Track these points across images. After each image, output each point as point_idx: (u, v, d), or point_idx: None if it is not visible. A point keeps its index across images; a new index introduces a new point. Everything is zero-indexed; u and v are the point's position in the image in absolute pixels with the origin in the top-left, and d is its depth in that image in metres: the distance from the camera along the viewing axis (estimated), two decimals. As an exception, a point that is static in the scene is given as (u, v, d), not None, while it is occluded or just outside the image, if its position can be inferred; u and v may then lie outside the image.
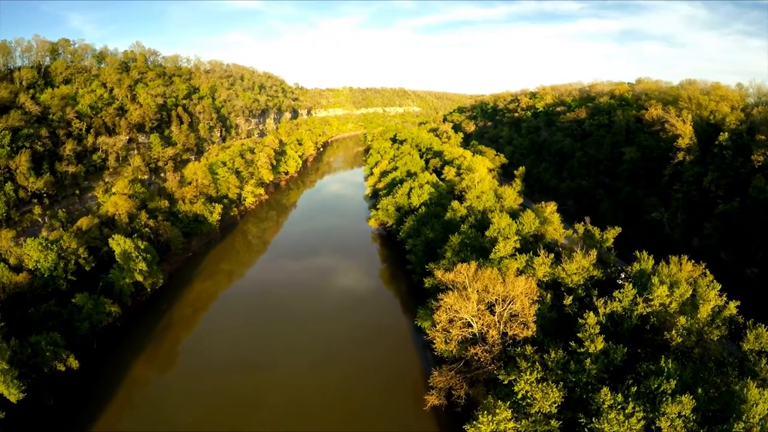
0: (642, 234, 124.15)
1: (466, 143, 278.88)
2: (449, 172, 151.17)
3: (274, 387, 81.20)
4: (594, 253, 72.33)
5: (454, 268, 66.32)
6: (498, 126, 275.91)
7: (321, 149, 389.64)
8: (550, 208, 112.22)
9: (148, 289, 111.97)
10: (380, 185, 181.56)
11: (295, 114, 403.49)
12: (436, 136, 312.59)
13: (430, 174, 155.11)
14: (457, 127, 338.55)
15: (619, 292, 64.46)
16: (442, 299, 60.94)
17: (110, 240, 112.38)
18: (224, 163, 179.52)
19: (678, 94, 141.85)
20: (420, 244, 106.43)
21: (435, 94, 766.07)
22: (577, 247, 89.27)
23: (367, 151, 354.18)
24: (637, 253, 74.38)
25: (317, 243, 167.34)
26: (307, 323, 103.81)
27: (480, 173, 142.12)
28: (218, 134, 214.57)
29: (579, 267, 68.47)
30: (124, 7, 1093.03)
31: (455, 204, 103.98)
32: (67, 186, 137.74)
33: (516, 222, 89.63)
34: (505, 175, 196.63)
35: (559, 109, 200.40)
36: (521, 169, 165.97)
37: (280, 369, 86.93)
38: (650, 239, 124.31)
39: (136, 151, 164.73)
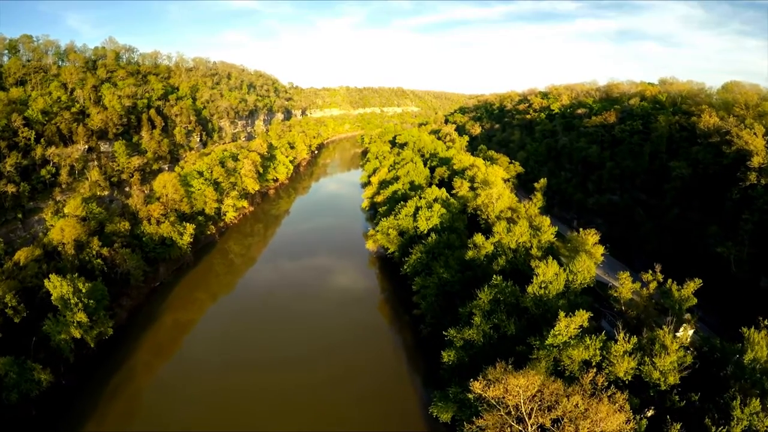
0: (696, 266, 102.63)
1: (472, 147, 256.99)
2: (462, 187, 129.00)
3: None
4: (687, 332, 50.50)
5: (491, 366, 44.52)
6: (506, 129, 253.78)
7: (316, 152, 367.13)
8: (592, 238, 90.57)
9: (92, 344, 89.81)
10: (379, 198, 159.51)
11: (288, 115, 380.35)
12: (439, 138, 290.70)
13: (439, 188, 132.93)
14: (460, 129, 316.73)
15: (741, 408, 42.82)
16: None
17: (46, 281, 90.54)
18: (201, 173, 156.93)
19: (731, 99, 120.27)
20: (432, 286, 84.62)
21: (433, 93, 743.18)
22: (644, 301, 67.73)
23: (364, 154, 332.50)
24: (745, 330, 52.67)
25: (309, 262, 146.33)
26: (293, 391, 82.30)
27: (498, 188, 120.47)
28: (197, 139, 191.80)
29: (674, 360, 46.72)
30: (121, 7, 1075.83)
31: (479, 239, 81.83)
32: (7, 209, 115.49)
33: (565, 270, 67.66)
34: (521, 186, 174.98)
35: (579, 111, 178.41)
36: (542, 181, 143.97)
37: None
38: (706, 274, 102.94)
39: (95, 163, 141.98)
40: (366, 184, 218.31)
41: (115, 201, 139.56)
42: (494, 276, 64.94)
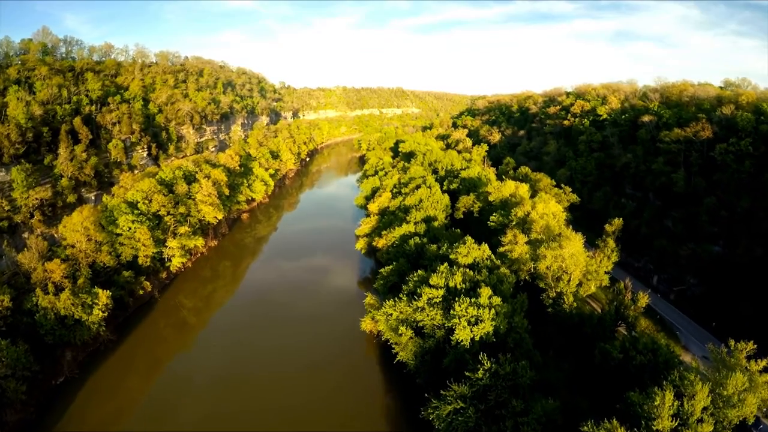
0: None
1: (491, 158, 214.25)
2: (516, 243, 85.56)
3: None
4: None
5: None
6: (534, 136, 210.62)
7: (307, 159, 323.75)
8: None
9: None
10: (380, 243, 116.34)
11: (275, 118, 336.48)
12: (449, 146, 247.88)
13: (478, 246, 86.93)
14: (473, 135, 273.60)
15: None
16: None
17: None
18: (133, 205, 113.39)
19: None
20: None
21: (434, 94, 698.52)
22: None
23: (362, 159, 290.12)
24: None
25: (287, 332, 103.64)
26: None
27: (574, 244, 78.33)
28: (144, 153, 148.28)
29: None
30: (119, 7, 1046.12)
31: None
32: None
33: None
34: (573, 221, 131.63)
35: (645, 119, 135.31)
36: (617, 222, 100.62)
37: None
38: None
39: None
40: (363, 207, 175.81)
41: (4, 257, 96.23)
42: None
